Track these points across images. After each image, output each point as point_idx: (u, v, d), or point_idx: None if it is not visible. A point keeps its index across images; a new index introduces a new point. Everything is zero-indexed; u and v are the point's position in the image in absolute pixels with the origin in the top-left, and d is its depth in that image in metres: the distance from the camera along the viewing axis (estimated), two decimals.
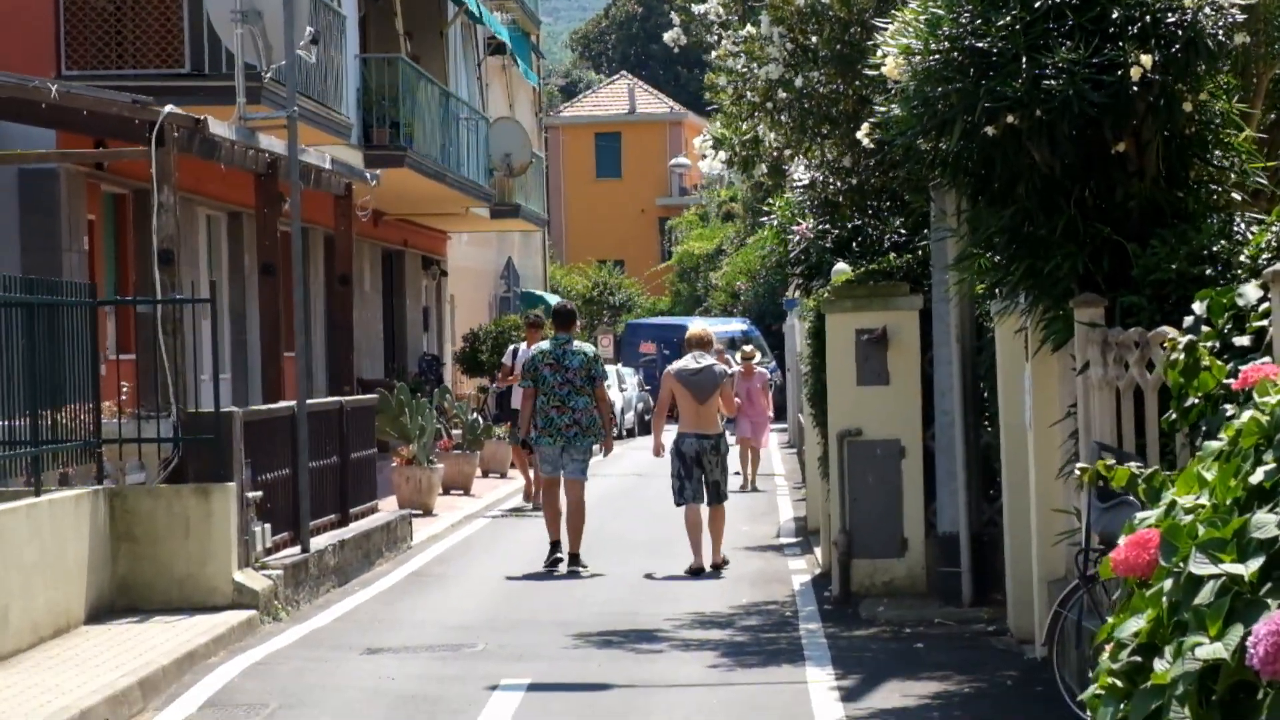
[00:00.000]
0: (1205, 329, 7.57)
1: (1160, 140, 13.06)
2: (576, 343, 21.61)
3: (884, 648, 15.80)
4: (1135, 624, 5.25)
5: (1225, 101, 13.50)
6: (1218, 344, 7.58)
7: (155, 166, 17.35)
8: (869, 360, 18.50)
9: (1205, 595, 4.83)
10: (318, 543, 19.56)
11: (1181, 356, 7.55)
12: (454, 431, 30.70)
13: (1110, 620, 5.48)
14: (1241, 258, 12.39)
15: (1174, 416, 7.84)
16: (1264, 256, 12.30)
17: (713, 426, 21.01)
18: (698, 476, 20.80)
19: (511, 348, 30.22)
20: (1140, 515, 6.40)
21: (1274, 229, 12.54)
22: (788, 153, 18.23)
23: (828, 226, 20.47)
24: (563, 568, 21.00)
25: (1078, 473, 7.94)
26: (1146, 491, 7.84)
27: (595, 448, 21.86)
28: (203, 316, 26.72)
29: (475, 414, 31.11)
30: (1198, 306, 7.89)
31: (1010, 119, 12.48)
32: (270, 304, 21.30)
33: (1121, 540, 6.31)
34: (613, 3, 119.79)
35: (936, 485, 17.86)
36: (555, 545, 21.27)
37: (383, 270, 39.85)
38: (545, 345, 21.71)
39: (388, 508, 24.75)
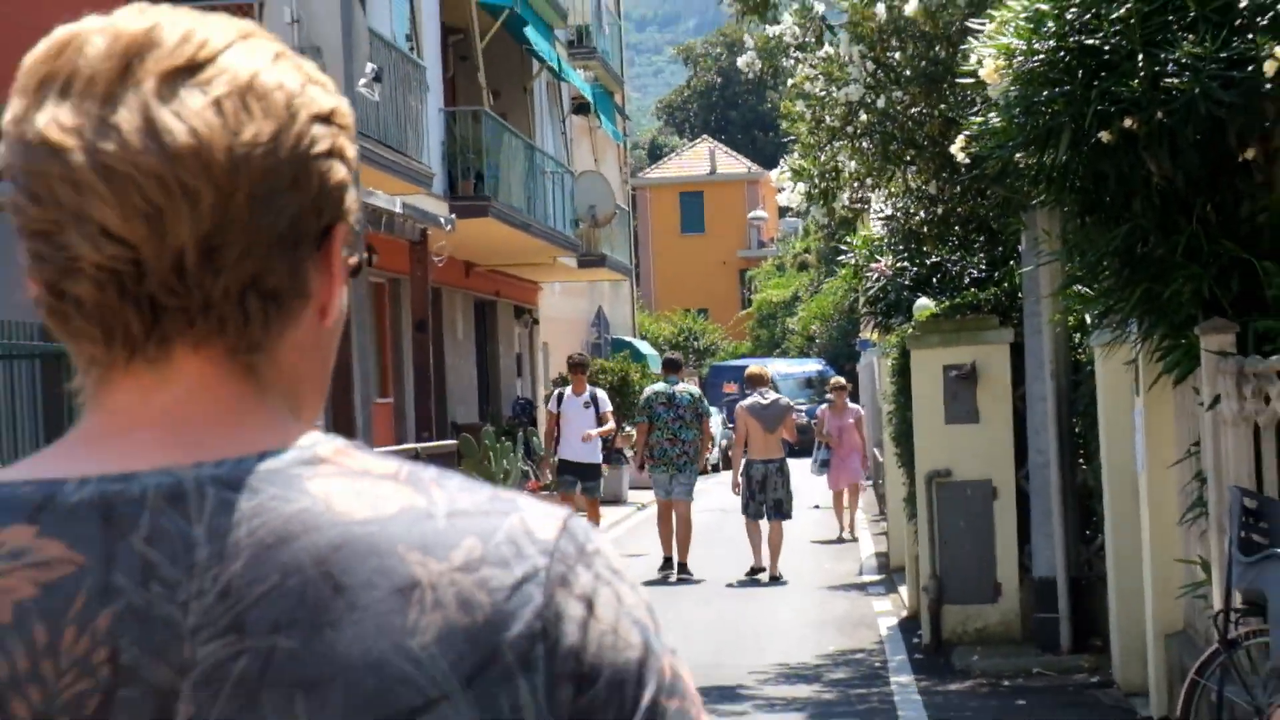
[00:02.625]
0: None
1: None
2: (683, 384, 21.99)
3: (984, 705, 13.24)
4: None
5: None
6: None
7: None
8: (957, 397, 15.96)
9: None
10: None
11: None
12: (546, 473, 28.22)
13: None
14: None
15: None
16: None
17: (777, 452, 21.58)
18: (760, 498, 21.59)
19: (556, 392, 26.51)
20: None
21: None
22: (869, 181, 15.65)
23: (906, 264, 18.09)
24: (674, 576, 21.75)
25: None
26: None
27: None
28: None
29: None
30: None
31: (1127, 123, 9.94)
32: (341, 353, 18.73)
33: None
34: (694, 74, 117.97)
35: (1031, 527, 15.39)
36: (668, 561, 22.03)
37: (475, 319, 37.47)
38: (660, 387, 22.12)
39: None
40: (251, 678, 1.36)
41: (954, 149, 12.07)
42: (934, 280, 17.82)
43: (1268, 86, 9.80)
